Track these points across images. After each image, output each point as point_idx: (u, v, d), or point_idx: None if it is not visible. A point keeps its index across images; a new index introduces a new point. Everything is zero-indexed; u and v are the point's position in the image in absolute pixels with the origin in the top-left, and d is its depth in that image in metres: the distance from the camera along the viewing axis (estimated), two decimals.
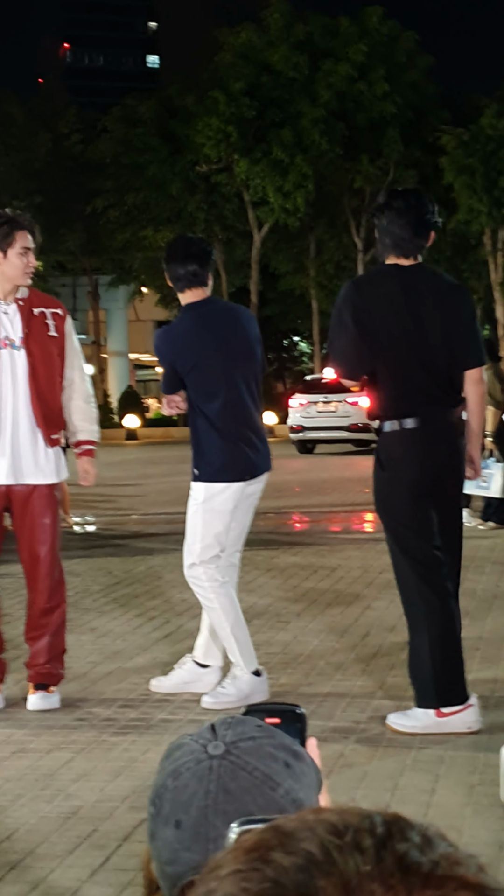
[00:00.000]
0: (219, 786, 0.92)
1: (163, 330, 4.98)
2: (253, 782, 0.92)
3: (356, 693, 4.98)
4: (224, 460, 4.79)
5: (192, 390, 4.83)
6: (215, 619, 4.84)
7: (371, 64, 32.33)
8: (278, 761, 0.94)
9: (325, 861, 0.54)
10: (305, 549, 9.35)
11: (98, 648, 5.95)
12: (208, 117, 32.46)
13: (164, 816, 0.94)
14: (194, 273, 4.79)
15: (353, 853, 0.54)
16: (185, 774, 0.94)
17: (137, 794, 3.79)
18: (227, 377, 4.79)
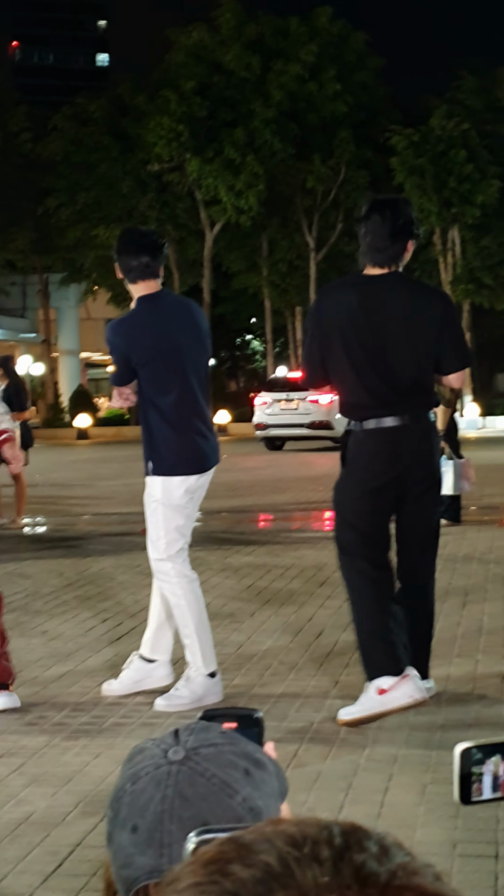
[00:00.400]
0: (176, 791, 0.91)
1: (117, 322, 4.94)
2: (210, 789, 0.91)
3: (310, 693, 4.98)
4: (179, 453, 4.80)
5: (145, 383, 4.80)
6: (179, 615, 4.82)
7: (322, 64, 32.45)
8: (238, 769, 0.94)
9: (283, 873, 0.54)
10: (259, 548, 9.35)
11: (49, 651, 5.90)
12: (160, 116, 32.40)
13: (121, 820, 0.94)
14: (146, 265, 4.79)
15: (311, 865, 0.54)
16: (143, 779, 0.93)
17: (90, 799, 3.76)
18: (182, 370, 4.79)
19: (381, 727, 4.46)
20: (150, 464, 4.85)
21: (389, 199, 4.72)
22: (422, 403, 4.55)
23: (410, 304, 4.50)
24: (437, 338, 4.51)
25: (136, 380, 4.86)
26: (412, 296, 4.54)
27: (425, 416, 4.57)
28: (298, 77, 32.28)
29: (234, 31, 32.86)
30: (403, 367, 4.48)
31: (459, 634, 6.01)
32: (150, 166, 33.46)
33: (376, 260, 4.50)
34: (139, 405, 4.91)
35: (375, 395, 4.46)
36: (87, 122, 34.75)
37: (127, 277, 4.84)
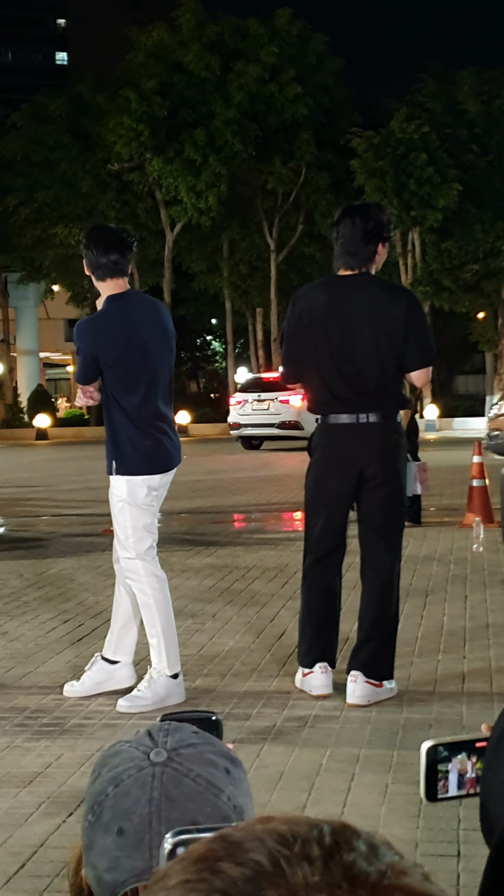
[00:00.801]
0: (162, 793, 0.91)
1: (87, 320, 4.92)
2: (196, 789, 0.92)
3: (272, 693, 4.99)
4: (143, 453, 4.81)
5: (111, 382, 4.79)
6: (147, 615, 4.82)
7: (281, 66, 32.50)
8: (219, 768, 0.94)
9: (273, 872, 0.54)
10: (220, 549, 9.34)
11: (10, 653, 5.87)
12: (120, 116, 32.30)
13: (103, 824, 0.93)
14: (115, 262, 4.77)
15: (301, 864, 0.54)
16: (126, 781, 0.93)
17: (52, 800, 3.75)
18: (148, 370, 4.80)
19: (344, 727, 4.48)
20: (114, 463, 4.85)
21: (362, 204, 4.92)
22: (387, 403, 4.72)
23: (377, 304, 4.67)
24: (402, 336, 4.66)
25: (99, 378, 4.85)
26: (379, 295, 4.70)
27: (391, 416, 4.75)
28: (259, 78, 32.30)
29: (194, 32, 32.82)
30: (367, 366, 4.66)
31: (420, 635, 6.05)
32: (110, 165, 33.35)
33: (348, 263, 4.70)
34: (103, 404, 4.90)
35: (338, 392, 4.69)
36: (47, 121, 34.56)
37: (94, 275, 4.82)
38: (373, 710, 4.70)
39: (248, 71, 32.20)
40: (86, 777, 4.05)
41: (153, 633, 4.80)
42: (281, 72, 32.52)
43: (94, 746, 4.29)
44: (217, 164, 31.81)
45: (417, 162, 31.55)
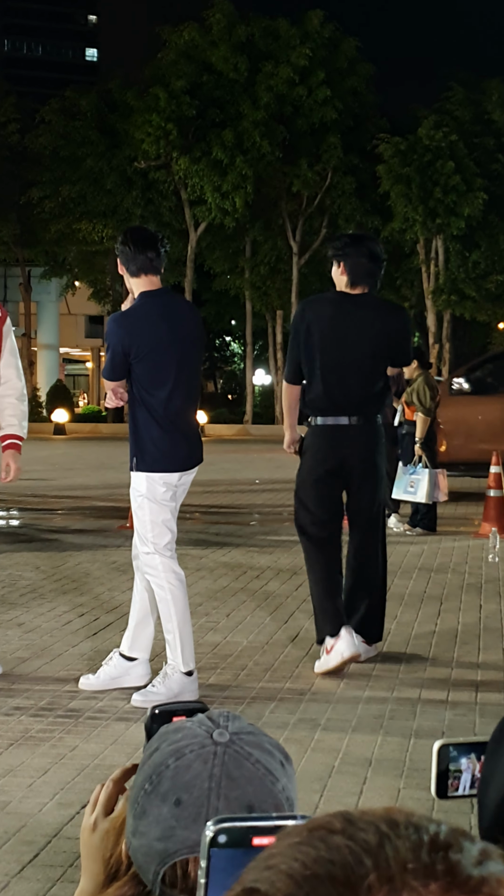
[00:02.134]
0: (223, 771, 0.94)
1: (120, 314, 4.95)
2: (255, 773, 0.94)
3: (285, 694, 5.01)
4: (164, 450, 4.86)
5: (139, 378, 4.84)
6: (164, 610, 4.85)
7: (312, 68, 32.48)
8: (275, 759, 0.97)
9: (377, 850, 0.56)
10: (235, 549, 9.37)
11: (26, 644, 5.90)
12: (148, 114, 32.34)
13: (161, 793, 0.95)
14: (151, 259, 4.86)
15: (406, 848, 0.56)
16: (188, 756, 0.95)
17: (66, 790, 3.78)
18: (175, 368, 4.86)
19: (357, 730, 4.50)
20: (135, 459, 4.89)
21: (364, 235, 5.85)
22: (371, 409, 5.43)
23: (374, 320, 5.38)
24: (396, 345, 5.45)
25: (125, 378, 4.90)
26: (376, 312, 5.44)
27: (373, 419, 5.45)
28: (288, 80, 32.31)
29: (225, 32, 32.85)
30: (357, 375, 5.34)
31: (434, 643, 6.06)
32: (136, 163, 33.40)
33: (354, 282, 5.43)
34: (129, 401, 4.94)
35: (329, 396, 5.34)
36: (76, 116, 34.64)
37: (129, 270, 4.88)
38: (386, 714, 4.72)
39: (279, 73, 32.20)
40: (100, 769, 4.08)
41: (169, 628, 4.83)
42: (311, 74, 32.51)
43: (108, 739, 4.33)
44: (244, 166, 31.83)
45: (444, 170, 31.50)
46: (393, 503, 10.64)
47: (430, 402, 10.24)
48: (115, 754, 4.13)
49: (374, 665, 5.54)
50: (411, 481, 10.16)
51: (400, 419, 10.62)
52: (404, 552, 9.28)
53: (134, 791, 1.00)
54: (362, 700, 4.94)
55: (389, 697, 4.98)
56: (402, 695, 5.03)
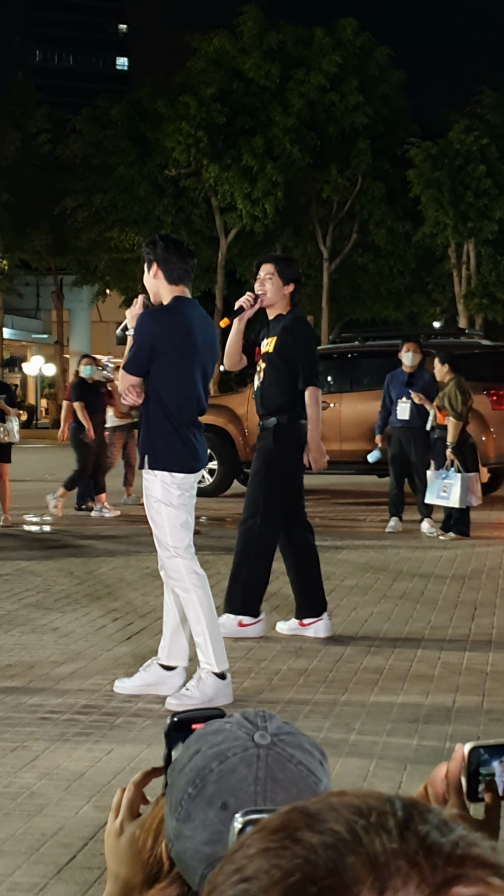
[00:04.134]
0: (268, 774, 0.94)
1: (154, 310, 5.00)
2: (298, 775, 0.94)
3: (319, 699, 5.01)
4: (176, 450, 4.91)
5: (160, 375, 4.90)
6: (191, 613, 4.86)
7: (343, 75, 32.47)
8: (315, 758, 0.97)
9: (352, 840, 0.56)
10: None
11: (60, 648, 5.94)
12: (179, 122, 32.46)
13: (206, 797, 0.95)
14: (188, 270, 4.99)
15: (378, 833, 0.56)
16: (231, 759, 0.95)
17: (102, 793, 3.80)
18: (197, 371, 4.96)
19: (391, 735, 4.49)
20: (147, 457, 4.92)
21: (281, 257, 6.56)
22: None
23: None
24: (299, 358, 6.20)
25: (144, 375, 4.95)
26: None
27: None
28: (319, 87, 32.32)
29: (255, 39, 32.92)
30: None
31: (468, 648, 6.04)
32: (167, 171, 33.53)
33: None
34: (144, 400, 4.99)
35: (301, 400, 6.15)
36: (107, 125, 34.84)
37: (170, 277, 4.95)
38: (420, 721, 4.71)
39: (311, 79, 32.22)
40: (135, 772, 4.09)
41: (198, 630, 4.84)
42: (343, 81, 32.51)
43: (143, 743, 4.34)
44: (274, 172, 31.86)
45: (475, 173, 31.38)
46: (426, 508, 10.61)
47: (461, 407, 10.20)
48: (150, 757, 4.15)
49: (409, 669, 5.53)
50: (444, 486, 10.13)
51: (432, 424, 10.59)
52: (437, 557, 9.24)
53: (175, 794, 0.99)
54: (397, 705, 4.93)
55: (424, 703, 4.97)
56: (436, 700, 5.01)
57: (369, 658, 5.77)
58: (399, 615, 6.86)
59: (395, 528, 10.79)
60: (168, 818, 1.01)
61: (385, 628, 6.47)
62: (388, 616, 6.81)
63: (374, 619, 6.70)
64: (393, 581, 8.09)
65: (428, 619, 6.73)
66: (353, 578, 8.16)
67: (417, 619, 6.74)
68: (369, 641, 6.14)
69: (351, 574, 8.36)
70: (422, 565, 8.81)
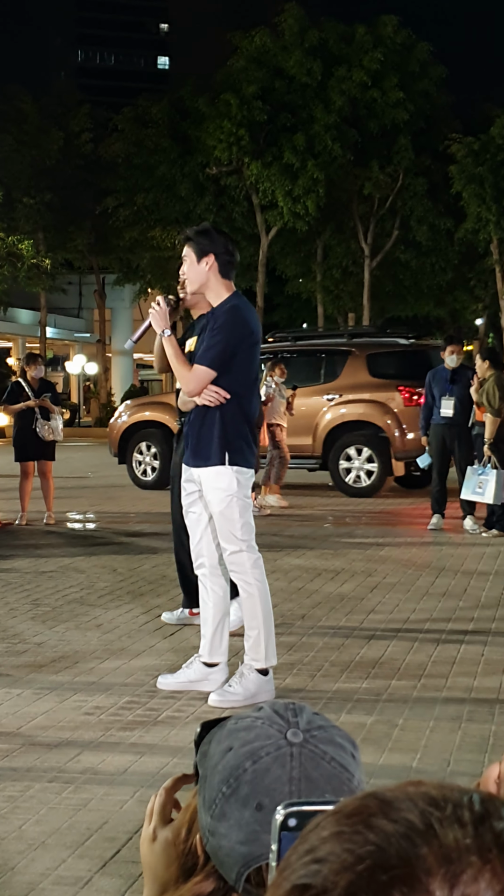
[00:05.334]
0: (301, 773, 0.94)
1: (234, 307, 4.93)
2: (332, 772, 0.95)
3: (361, 695, 5.01)
4: (251, 447, 4.96)
5: (235, 372, 4.87)
6: (249, 607, 4.88)
7: (384, 72, 32.34)
8: (347, 752, 0.97)
9: (425, 831, 0.55)
10: (309, 551, 9.37)
11: (104, 644, 5.98)
12: (220, 120, 32.50)
13: (241, 797, 0.95)
14: (235, 264, 5.06)
15: (452, 826, 0.56)
16: (265, 759, 0.95)
17: (146, 788, 3.82)
18: (258, 368, 5.06)
19: (434, 731, 4.48)
20: (226, 454, 4.86)
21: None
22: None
23: None
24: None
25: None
26: None
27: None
28: (361, 84, 32.21)
29: (297, 37, 32.87)
30: None
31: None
32: (208, 169, 33.58)
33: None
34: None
35: None
36: (148, 124, 34.96)
37: (223, 271, 4.95)
38: (464, 716, 4.69)
39: (352, 76, 32.12)
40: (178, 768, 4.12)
41: (253, 625, 4.86)
42: (384, 78, 32.37)
43: (185, 738, 4.37)
44: (315, 169, 31.81)
45: None
46: (468, 505, 10.56)
47: (499, 403, 10.14)
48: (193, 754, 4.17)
49: (451, 667, 5.51)
50: (479, 482, 10.08)
51: (472, 420, 10.54)
52: (480, 554, 9.20)
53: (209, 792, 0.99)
54: (440, 700, 4.92)
55: (467, 699, 4.95)
56: (479, 696, 4.99)
57: (412, 654, 5.76)
58: (442, 612, 6.84)
59: (438, 525, 10.76)
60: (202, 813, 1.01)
61: (428, 625, 6.45)
62: (430, 613, 6.79)
63: (417, 616, 6.69)
64: (435, 578, 8.06)
65: (471, 616, 6.70)
66: (396, 575, 8.15)
67: (460, 615, 6.71)
68: (412, 638, 6.12)
69: (393, 571, 8.34)
70: (464, 562, 8.77)
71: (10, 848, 3.32)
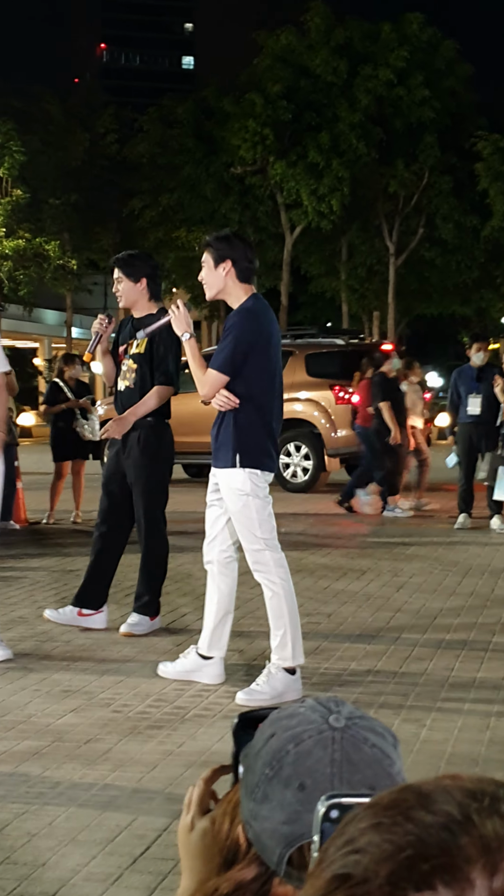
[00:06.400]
0: (343, 756, 0.96)
1: (247, 309, 4.96)
2: (374, 756, 0.96)
3: (388, 695, 5.01)
4: (266, 449, 4.95)
5: (252, 375, 4.89)
6: (275, 606, 4.90)
7: (410, 70, 32.25)
8: (388, 742, 0.99)
9: (464, 822, 0.56)
10: (334, 550, 9.37)
11: (131, 643, 6.01)
12: (245, 119, 32.51)
13: (283, 779, 0.97)
14: (254, 269, 5.05)
15: (491, 817, 0.56)
16: (307, 741, 0.97)
17: (174, 785, 3.84)
18: (279, 372, 5.03)
19: (463, 729, 4.47)
20: (238, 456, 4.91)
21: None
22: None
23: None
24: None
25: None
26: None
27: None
28: (387, 82, 32.14)
29: (323, 36, 32.84)
30: None
31: None
32: (233, 169, 33.61)
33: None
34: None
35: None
36: (173, 125, 35.02)
37: (241, 276, 4.97)
38: (492, 716, 4.68)
39: (378, 75, 32.05)
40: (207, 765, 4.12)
41: (279, 624, 4.87)
42: (409, 76, 32.29)
43: (214, 736, 4.38)
44: (340, 168, 31.77)
45: None
46: (495, 504, 10.53)
47: None
48: (221, 751, 4.18)
49: (479, 667, 5.49)
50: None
51: (501, 419, 10.50)
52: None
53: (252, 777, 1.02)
54: (467, 702, 4.90)
55: (496, 698, 4.93)
56: None
57: (438, 656, 5.75)
58: (469, 612, 6.82)
59: (464, 524, 10.73)
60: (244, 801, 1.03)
61: (454, 625, 6.44)
62: (457, 613, 6.77)
63: (443, 617, 6.67)
64: (462, 577, 8.04)
65: (498, 617, 6.68)
66: (422, 575, 8.13)
67: (487, 616, 6.69)
68: (439, 637, 6.11)
69: (419, 571, 8.33)
70: (492, 562, 8.74)
71: (41, 844, 3.34)
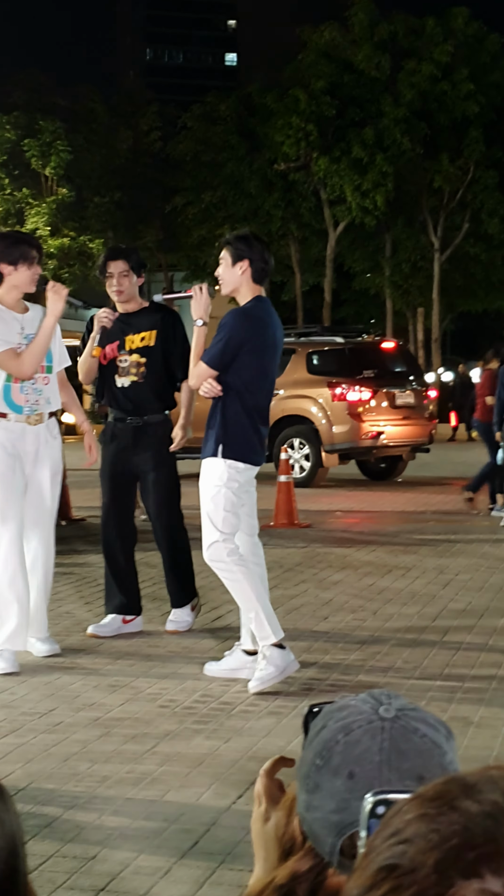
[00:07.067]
0: (392, 745, 0.97)
1: (243, 310, 5.13)
2: (423, 746, 0.97)
3: (435, 692, 4.99)
4: (252, 443, 5.09)
5: (241, 372, 5.02)
6: (239, 591, 5.02)
7: (455, 64, 32.06)
8: (440, 733, 0.99)
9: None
10: (379, 548, 9.35)
11: (175, 639, 6.04)
12: (288, 115, 32.47)
13: (333, 767, 0.99)
14: (269, 271, 5.19)
15: None
16: (356, 731, 0.98)
17: (221, 781, 3.85)
18: (273, 370, 5.19)
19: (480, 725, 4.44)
20: (220, 447, 5.04)
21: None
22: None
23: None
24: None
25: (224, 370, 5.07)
26: None
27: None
28: (431, 77, 31.96)
29: (366, 31, 32.72)
30: None
31: None
32: (276, 165, 33.59)
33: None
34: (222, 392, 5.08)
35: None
36: (216, 122, 35.08)
37: (256, 276, 5.09)
38: None
39: (422, 69, 31.88)
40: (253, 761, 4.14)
41: (249, 607, 4.98)
42: (454, 70, 32.09)
43: (260, 732, 4.39)
44: (384, 163, 31.65)
45: None
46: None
47: None
48: (267, 746, 4.19)
49: None
50: None
51: None
52: None
53: (304, 768, 1.03)
54: None
55: None
56: None
57: (487, 649, 5.72)
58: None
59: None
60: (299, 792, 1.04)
61: (501, 623, 6.40)
62: (503, 611, 6.73)
63: (490, 614, 6.63)
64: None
65: None
66: (468, 573, 8.09)
67: None
68: (485, 636, 6.08)
69: (465, 568, 8.29)
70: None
71: (90, 838, 3.37)
